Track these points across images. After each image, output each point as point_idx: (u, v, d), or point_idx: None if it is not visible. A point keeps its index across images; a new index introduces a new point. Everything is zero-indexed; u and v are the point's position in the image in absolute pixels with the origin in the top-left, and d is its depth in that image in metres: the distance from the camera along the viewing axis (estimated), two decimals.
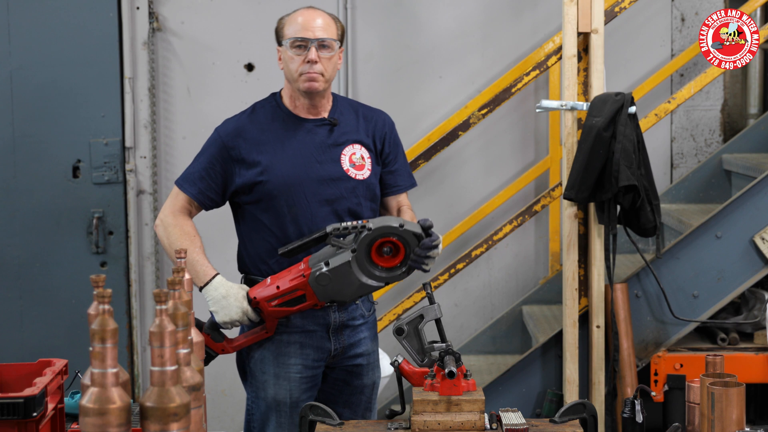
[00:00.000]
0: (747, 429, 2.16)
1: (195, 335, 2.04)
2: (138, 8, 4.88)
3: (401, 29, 4.97)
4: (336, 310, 2.99)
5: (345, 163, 2.98)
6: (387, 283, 2.81)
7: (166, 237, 2.99)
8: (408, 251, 2.73)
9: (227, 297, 2.85)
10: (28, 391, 2.27)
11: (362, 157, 3.00)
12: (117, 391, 1.63)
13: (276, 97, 3.08)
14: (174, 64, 4.96)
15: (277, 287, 2.80)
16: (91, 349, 1.63)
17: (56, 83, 4.84)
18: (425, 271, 2.77)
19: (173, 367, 1.68)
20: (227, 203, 3.09)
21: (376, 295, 4.66)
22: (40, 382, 2.34)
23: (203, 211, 3.12)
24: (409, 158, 4.59)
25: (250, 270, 3.02)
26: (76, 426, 2.67)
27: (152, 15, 4.89)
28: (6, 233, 4.88)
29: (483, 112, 4.36)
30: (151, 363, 1.68)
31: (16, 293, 4.90)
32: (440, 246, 2.78)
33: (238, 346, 2.95)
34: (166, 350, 1.67)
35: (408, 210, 3.12)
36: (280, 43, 3.02)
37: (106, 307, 1.63)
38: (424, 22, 4.96)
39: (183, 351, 1.83)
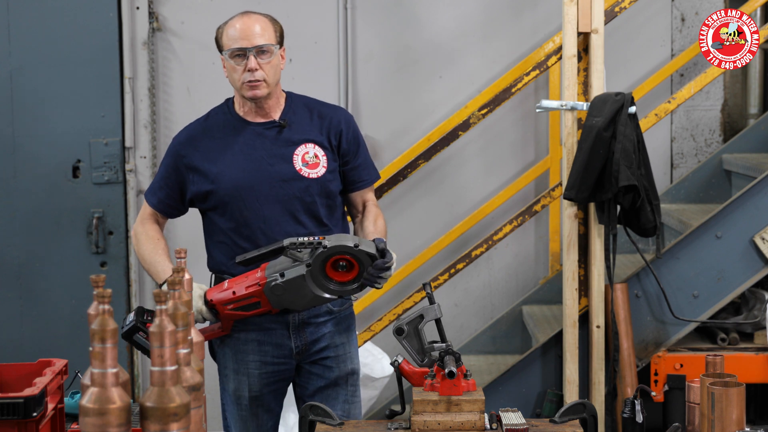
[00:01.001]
0: (747, 429, 2.16)
1: (195, 335, 2.04)
2: (138, 8, 4.88)
3: (401, 29, 4.97)
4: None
5: (297, 163, 3.01)
6: (340, 297, 2.87)
7: (136, 244, 3.13)
8: (362, 269, 2.79)
9: None
10: (28, 391, 2.27)
11: (316, 156, 3.03)
12: (117, 391, 1.63)
13: (228, 102, 3.13)
14: (174, 64, 4.96)
15: (233, 292, 2.86)
16: (91, 349, 1.63)
17: (56, 83, 4.84)
18: (377, 288, 2.84)
19: (173, 367, 1.68)
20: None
21: (374, 296, 4.67)
22: (40, 382, 2.34)
23: (189, 213, 3.20)
24: (409, 158, 4.59)
25: (216, 271, 3.08)
26: (76, 426, 2.67)
27: (152, 15, 4.89)
28: (6, 233, 4.88)
29: (483, 112, 4.36)
30: (151, 363, 1.68)
31: (16, 293, 4.90)
32: (393, 267, 2.83)
33: None
34: (166, 350, 1.67)
35: (373, 207, 3.16)
36: (220, 52, 3.04)
37: (106, 307, 1.63)
38: (424, 22, 4.96)
39: (183, 351, 1.84)
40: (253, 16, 3.01)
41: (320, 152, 3.04)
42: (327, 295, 2.81)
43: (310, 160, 3.03)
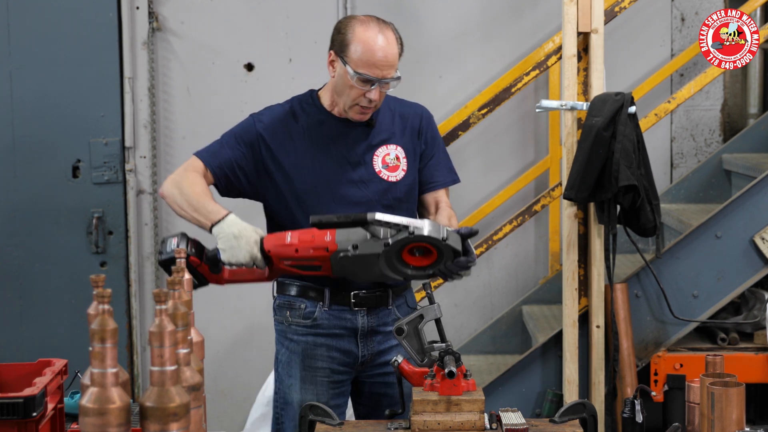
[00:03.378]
0: (747, 429, 2.16)
1: (195, 335, 2.04)
2: (138, 8, 4.88)
3: (401, 29, 4.88)
4: (365, 315, 2.89)
5: (377, 165, 2.88)
6: (407, 280, 2.72)
7: (177, 188, 2.81)
8: (440, 260, 2.62)
9: (239, 238, 2.68)
10: (28, 391, 2.27)
11: (397, 158, 2.90)
12: (117, 391, 1.63)
13: (313, 94, 2.95)
14: (174, 64, 4.96)
15: (296, 250, 2.65)
16: (91, 349, 1.63)
17: (56, 83, 4.84)
18: (450, 281, 2.69)
19: (173, 367, 1.68)
20: (248, 199, 2.96)
21: None
22: (40, 382, 2.34)
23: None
24: None
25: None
26: (76, 426, 2.67)
27: (152, 15, 4.89)
28: (6, 233, 4.88)
29: (483, 112, 4.36)
30: (150, 363, 1.68)
31: (16, 293, 4.90)
32: (472, 268, 2.68)
33: (233, 281, 2.78)
34: (165, 350, 1.67)
35: (446, 207, 2.98)
36: (339, 55, 2.81)
37: (106, 307, 1.63)
38: (424, 22, 4.96)
39: (183, 351, 1.83)
40: (391, 37, 2.84)
41: (401, 154, 2.91)
42: (396, 276, 2.64)
43: (391, 162, 2.90)
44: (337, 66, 2.82)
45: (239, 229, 2.70)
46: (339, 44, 2.82)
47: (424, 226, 2.60)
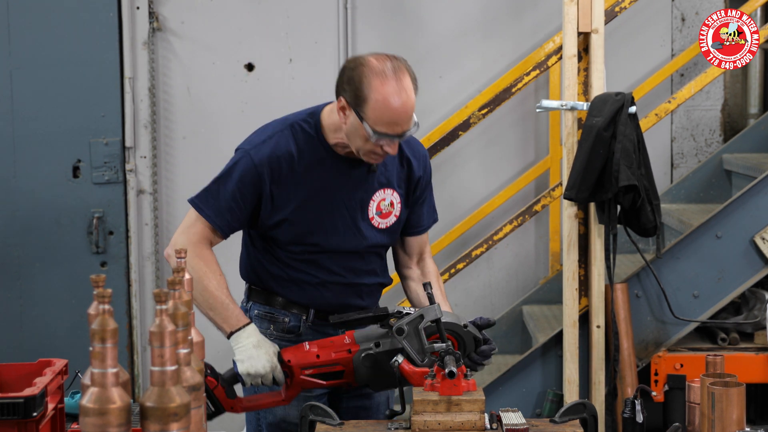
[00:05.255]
0: (747, 429, 2.16)
1: (195, 335, 2.04)
2: (138, 8, 4.88)
3: (401, 29, 4.97)
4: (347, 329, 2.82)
5: (371, 211, 2.78)
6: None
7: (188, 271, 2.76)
8: (460, 349, 2.60)
9: (259, 348, 2.62)
10: (28, 391, 2.27)
11: (391, 203, 2.81)
12: (117, 391, 1.63)
13: (317, 121, 2.76)
14: (174, 64, 4.96)
15: (318, 356, 2.61)
16: (91, 349, 1.63)
17: (56, 83, 4.84)
18: (474, 372, 2.62)
19: (173, 367, 1.67)
20: None
21: None
22: (40, 382, 2.34)
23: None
24: None
25: (260, 286, 2.87)
26: (76, 426, 2.66)
27: (152, 15, 4.89)
28: (6, 233, 4.88)
29: (483, 112, 4.35)
30: (151, 363, 1.68)
31: (16, 293, 4.91)
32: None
33: (249, 408, 2.75)
34: (166, 350, 1.66)
35: (432, 264, 2.95)
36: (354, 108, 2.60)
37: (106, 307, 1.63)
38: (424, 22, 4.96)
39: (183, 351, 1.83)
40: (409, 86, 2.66)
41: (396, 199, 2.82)
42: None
43: (385, 208, 2.80)
44: (351, 116, 2.62)
45: (258, 339, 2.65)
46: (353, 96, 2.60)
47: (447, 316, 2.56)
